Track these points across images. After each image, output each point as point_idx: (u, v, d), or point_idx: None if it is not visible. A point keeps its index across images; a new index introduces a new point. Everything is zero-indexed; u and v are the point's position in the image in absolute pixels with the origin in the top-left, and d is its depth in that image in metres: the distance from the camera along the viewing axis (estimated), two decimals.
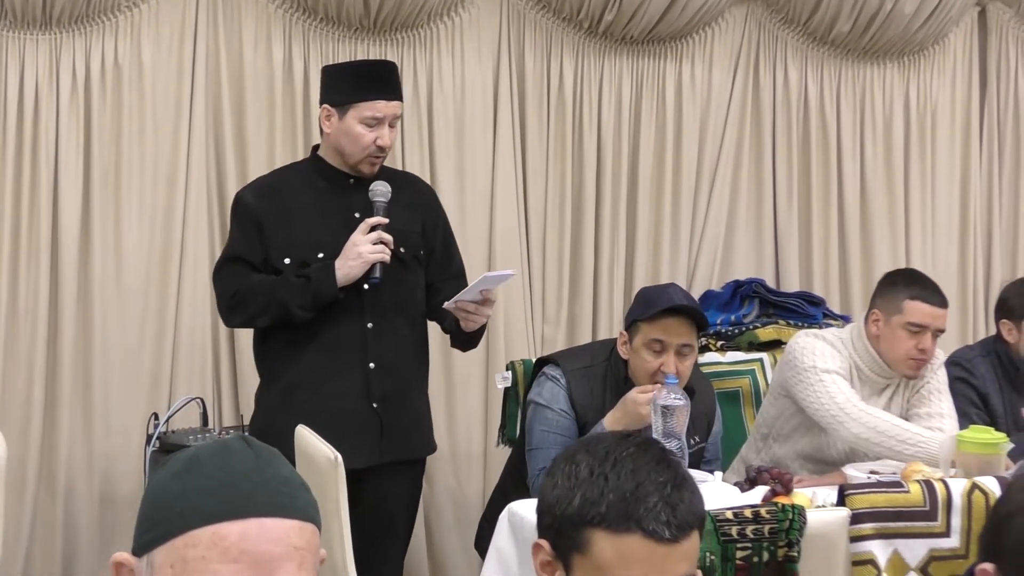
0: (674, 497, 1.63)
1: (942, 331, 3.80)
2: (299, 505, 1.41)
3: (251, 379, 4.48)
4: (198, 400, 4.34)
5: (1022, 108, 5.64)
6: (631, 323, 3.55)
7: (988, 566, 1.76)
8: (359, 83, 3.48)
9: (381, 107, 3.45)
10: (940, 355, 3.91)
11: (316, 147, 3.64)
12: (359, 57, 4.56)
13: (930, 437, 3.55)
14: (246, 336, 4.46)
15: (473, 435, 4.81)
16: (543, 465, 3.50)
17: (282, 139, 4.57)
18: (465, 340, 3.65)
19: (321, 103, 3.55)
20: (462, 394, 4.76)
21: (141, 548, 1.41)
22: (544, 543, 1.72)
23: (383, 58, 4.55)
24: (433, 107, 4.74)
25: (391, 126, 3.49)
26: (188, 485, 1.39)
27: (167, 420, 4.23)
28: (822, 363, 3.72)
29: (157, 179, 4.45)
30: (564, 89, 4.94)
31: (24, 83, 4.30)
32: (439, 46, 4.77)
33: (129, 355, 4.43)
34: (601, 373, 3.62)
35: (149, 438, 4.17)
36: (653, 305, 3.49)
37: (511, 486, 3.75)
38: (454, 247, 3.77)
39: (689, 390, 3.51)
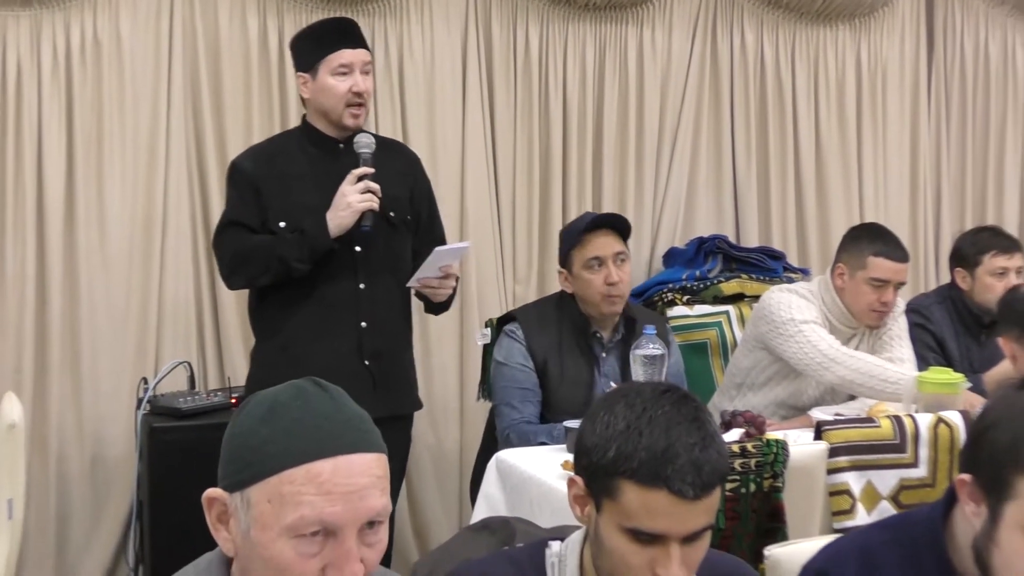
0: (701, 458, 1.75)
1: (903, 283, 3.93)
2: (374, 440, 1.59)
3: (235, 343, 4.59)
4: (185, 364, 4.45)
5: (968, 67, 5.81)
6: (565, 257, 3.80)
7: (966, 476, 1.87)
8: (321, 40, 3.56)
9: (348, 55, 3.53)
10: (900, 303, 4.03)
11: (305, 115, 3.70)
12: None
13: (910, 376, 3.63)
14: (229, 301, 4.56)
15: (449, 390, 4.92)
16: (512, 419, 3.69)
17: (259, 110, 4.64)
18: (436, 307, 3.75)
19: (296, 73, 3.64)
20: (437, 351, 4.85)
21: (235, 486, 1.55)
22: (579, 480, 1.86)
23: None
24: (404, 74, 4.83)
25: (364, 73, 3.56)
26: (276, 428, 1.54)
27: (156, 384, 4.34)
28: (799, 315, 3.82)
29: (138, 151, 4.52)
30: (530, 55, 5.04)
31: (6, 59, 4.36)
32: (408, 15, 4.85)
33: (116, 322, 4.50)
34: (555, 316, 3.82)
35: (139, 402, 4.26)
36: (577, 229, 3.78)
37: (492, 440, 3.90)
38: (437, 214, 3.85)
39: (630, 320, 3.77)
